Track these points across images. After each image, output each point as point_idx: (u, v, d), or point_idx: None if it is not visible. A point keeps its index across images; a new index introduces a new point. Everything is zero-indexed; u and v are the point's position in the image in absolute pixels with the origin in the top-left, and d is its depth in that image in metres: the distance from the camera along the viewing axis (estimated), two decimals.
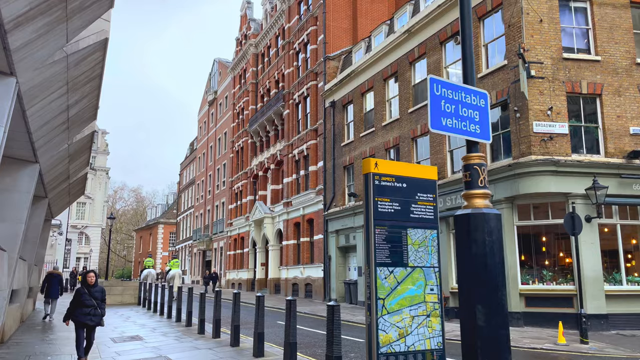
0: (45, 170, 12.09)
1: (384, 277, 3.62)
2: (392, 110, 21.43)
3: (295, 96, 30.91)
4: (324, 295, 25.09)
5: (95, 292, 8.44)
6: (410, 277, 3.74)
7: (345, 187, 24.47)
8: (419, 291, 3.74)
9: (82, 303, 8.25)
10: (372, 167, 3.72)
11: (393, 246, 3.69)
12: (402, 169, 3.84)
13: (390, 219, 3.71)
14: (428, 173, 3.97)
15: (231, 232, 41.25)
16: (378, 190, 3.70)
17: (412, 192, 3.86)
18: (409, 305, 3.69)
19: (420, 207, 3.88)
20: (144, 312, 19.02)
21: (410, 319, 3.66)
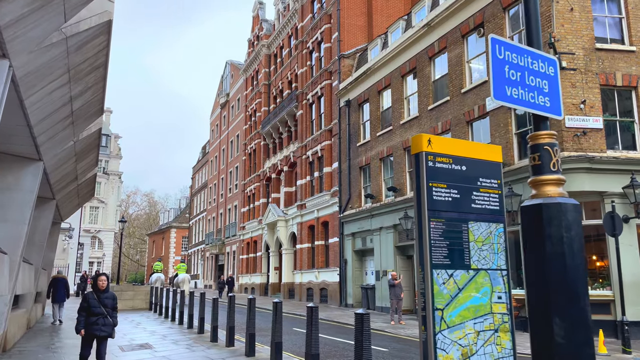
0: (51, 169, 11.51)
1: (441, 282, 2.88)
2: (411, 108, 20.63)
3: (308, 96, 30.24)
4: (340, 300, 24.28)
5: (105, 298, 7.52)
6: (473, 282, 2.99)
7: (362, 188, 23.69)
8: (484, 300, 2.99)
9: (89, 311, 7.35)
10: (424, 144, 2.98)
11: (452, 243, 2.95)
12: (460, 147, 3.10)
13: (448, 209, 2.97)
14: (492, 153, 3.22)
15: (244, 235, 40.64)
16: (432, 174, 2.96)
17: (473, 177, 3.11)
18: (473, 317, 2.94)
19: (483, 195, 3.14)
20: (155, 317, 18.40)
21: (474, 335, 2.92)
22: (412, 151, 3.03)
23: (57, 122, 9.07)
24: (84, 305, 7.38)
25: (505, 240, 3.24)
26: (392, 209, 20.52)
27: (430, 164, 2.98)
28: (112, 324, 7.48)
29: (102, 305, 7.38)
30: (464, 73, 17.42)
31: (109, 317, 7.42)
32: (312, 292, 27.66)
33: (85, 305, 7.37)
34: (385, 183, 21.85)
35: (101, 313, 7.34)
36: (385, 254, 20.98)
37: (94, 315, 7.31)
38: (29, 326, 14.30)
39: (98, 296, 7.45)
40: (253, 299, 9.76)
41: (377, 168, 22.24)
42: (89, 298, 7.43)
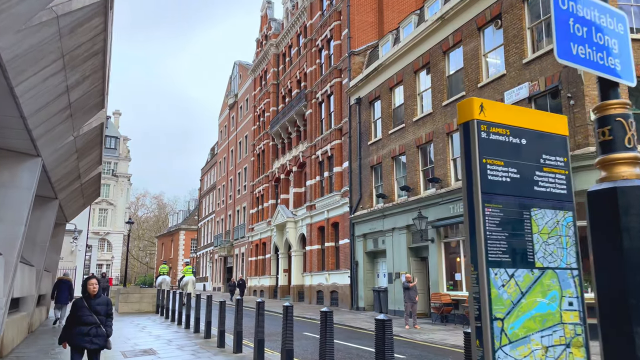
0: (51, 166, 11.01)
1: (500, 284, 2.26)
2: (424, 105, 19.96)
3: (318, 95, 29.66)
4: (351, 303, 23.62)
5: (97, 305, 6.59)
6: (539, 285, 2.36)
7: (373, 188, 23.03)
8: (552, 306, 2.37)
9: (79, 320, 6.42)
10: (474, 110, 2.37)
11: (512, 236, 2.33)
12: (518, 116, 2.48)
13: (506, 192, 2.35)
14: (557, 124, 2.60)
15: (252, 237, 40.11)
16: (486, 148, 2.35)
17: (534, 153, 2.49)
18: (540, 328, 2.32)
19: (547, 176, 2.51)
20: (161, 321, 17.87)
21: (542, 352, 2.29)
22: (459, 120, 2.43)
23: (53, 115, 8.54)
24: (74, 314, 6.50)
25: (575, 232, 2.61)
26: (405, 209, 19.85)
27: (484, 135, 2.37)
28: (105, 334, 6.56)
29: (94, 313, 6.49)
30: (480, 67, 16.73)
31: (102, 326, 6.53)
32: (322, 295, 27.02)
33: (74, 313, 6.50)
34: (398, 182, 21.18)
35: (93, 322, 6.44)
36: (398, 256, 20.31)
37: (84, 324, 6.40)
38: (31, 330, 13.81)
39: (89, 303, 6.56)
40: (262, 302, 9.17)
41: (389, 167, 21.58)
42: (78, 306, 6.54)
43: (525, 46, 14.96)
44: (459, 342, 12.68)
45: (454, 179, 17.72)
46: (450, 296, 17.01)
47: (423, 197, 18.84)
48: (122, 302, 21.63)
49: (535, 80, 14.39)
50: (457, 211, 17.03)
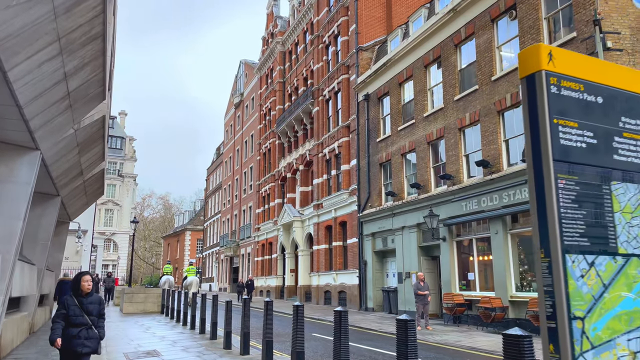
0: (51, 161, 10.63)
1: (579, 274, 1.79)
2: (435, 100, 19.46)
3: (325, 92, 29.21)
4: (360, 303, 23.13)
5: (89, 304, 5.86)
6: (623, 276, 1.90)
7: (382, 186, 22.54)
8: (639, 302, 1.90)
9: (69, 321, 5.72)
10: (543, 60, 1.90)
11: (590, 214, 1.87)
12: (595, 69, 2.01)
13: (582, 161, 1.89)
14: (637, 81, 2.13)
15: (259, 237, 39.71)
16: (556, 105, 1.88)
17: (613, 114, 2.03)
18: (627, 330, 1.85)
19: (628, 143, 2.04)
20: (166, 321, 17.47)
21: (630, 359, 1.83)
22: (521, 72, 1.96)
23: (51, 104, 8.13)
24: (63, 312, 5.76)
25: None
26: (416, 207, 19.35)
27: (554, 89, 1.90)
28: (97, 336, 5.86)
29: (85, 313, 5.79)
30: (494, 60, 16.21)
31: (93, 328, 5.83)
32: (330, 295, 26.55)
33: (63, 313, 5.76)
34: (408, 180, 20.68)
35: (84, 323, 5.74)
36: (409, 255, 19.80)
37: (74, 326, 5.70)
38: (32, 331, 13.43)
39: (80, 302, 5.82)
40: (270, 302, 8.72)
41: (399, 164, 21.09)
42: (68, 305, 5.79)
43: (542, 37, 14.44)
44: (475, 344, 12.18)
45: (466, 176, 17.20)
46: (463, 296, 16.49)
47: (434, 194, 18.34)
48: (127, 302, 21.27)
49: None
50: (469, 209, 16.51)
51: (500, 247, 15.17)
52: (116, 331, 14.51)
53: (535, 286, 14.28)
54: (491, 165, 15.75)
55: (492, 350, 11.27)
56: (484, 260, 16.39)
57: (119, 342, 12.36)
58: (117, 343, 12.19)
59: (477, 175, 16.61)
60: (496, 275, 15.23)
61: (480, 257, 16.56)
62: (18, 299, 12.73)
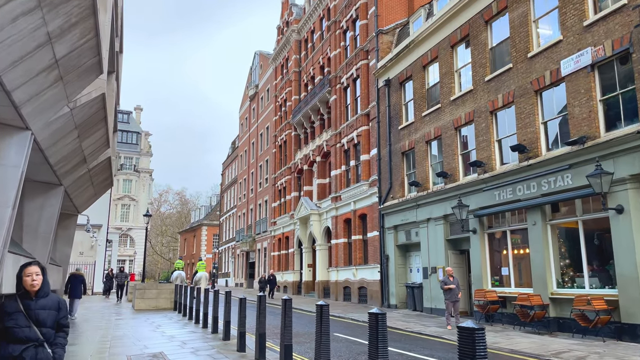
0: (46, 144, 9.63)
1: None
2: (463, 82, 18.11)
3: (343, 79, 27.97)
4: (382, 300, 21.95)
5: (40, 310, 4.03)
6: None
7: (405, 176, 21.27)
8: None
9: (9, 334, 3.89)
10: None
11: None
12: None
13: None
14: None
15: (275, 231, 38.73)
16: None
17: None
18: None
19: None
20: (178, 319, 16.52)
21: None
22: None
23: (37, 74, 7.09)
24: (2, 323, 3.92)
25: None
26: (442, 198, 18.07)
27: None
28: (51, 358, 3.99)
29: (34, 324, 3.97)
30: (530, 35, 14.82)
31: (46, 345, 3.99)
32: (350, 291, 25.41)
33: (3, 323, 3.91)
34: (433, 169, 19.39)
35: (31, 338, 3.93)
36: (434, 249, 18.55)
37: (17, 341, 3.88)
38: None
39: (26, 306, 3.99)
40: (289, 300, 7.59)
41: (423, 152, 19.80)
42: (8, 312, 3.94)
43: (586, 6, 13.01)
44: (515, 346, 10.93)
45: (499, 163, 15.86)
46: (496, 293, 15.19)
47: (462, 183, 17.03)
48: (139, 298, 20.41)
49: (599, 44, 12.45)
50: (503, 198, 15.19)
51: (538, 239, 13.85)
52: (124, 330, 13.58)
53: (580, 282, 12.94)
54: (528, 150, 14.39)
55: (537, 354, 10.02)
56: (520, 253, 15.07)
57: (125, 342, 11.41)
58: (123, 343, 11.23)
59: (512, 161, 15.27)
60: (534, 270, 13.91)
61: (515, 250, 15.24)
62: None
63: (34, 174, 11.95)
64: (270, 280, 29.85)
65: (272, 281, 29.85)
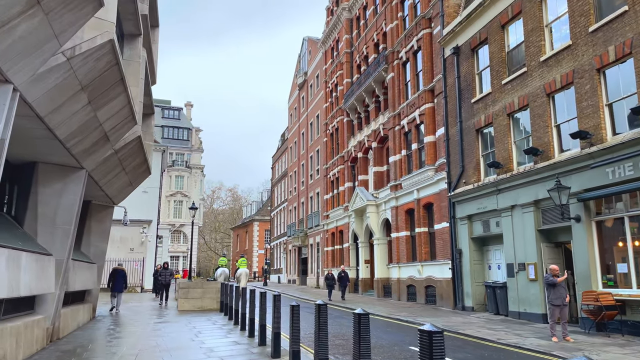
0: (44, 107, 7.56)
1: None
2: (556, 38, 14.89)
3: (401, 54, 25.08)
4: (455, 301, 19.03)
5: None
6: None
7: (480, 156, 18.22)
8: None
9: None
10: None
11: None
12: None
13: None
14: None
15: (328, 225, 36.35)
16: None
17: None
18: None
19: None
20: (223, 323, 14.40)
21: None
22: None
23: None
24: None
25: None
26: (532, 180, 14.97)
27: None
28: None
29: None
30: None
31: None
32: (415, 290, 22.60)
33: None
34: (518, 146, 16.29)
35: None
36: (522, 241, 15.47)
37: None
38: (53, 338, 10.67)
39: None
40: (364, 316, 5.05)
41: (504, 127, 16.70)
42: None
43: None
44: None
45: (611, 132, 12.62)
46: (612, 295, 12.02)
47: (560, 161, 13.88)
48: (182, 298, 18.57)
49: None
50: (618, 176, 11.98)
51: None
52: (159, 338, 11.53)
53: None
54: None
55: None
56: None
57: (155, 355, 9.29)
58: (152, 356, 9.13)
59: (630, 129, 12.03)
60: None
61: (637, 242, 11.99)
62: (32, 299, 9.99)
63: (45, 154, 10.00)
64: (342, 278, 25.42)
65: (343, 278, 25.41)
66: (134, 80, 11.65)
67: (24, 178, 10.55)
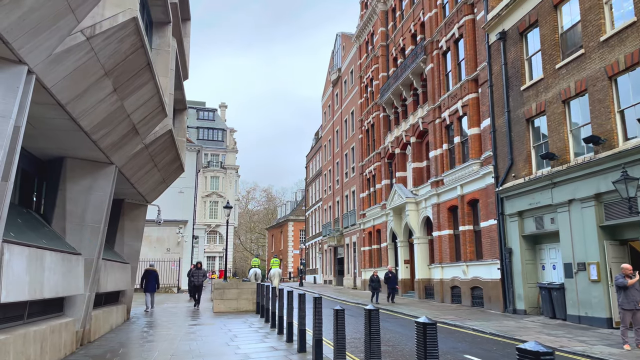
0: (65, 93, 7.00)
1: None
2: (617, 16, 13.52)
3: (441, 43, 23.89)
4: (505, 303, 17.77)
5: None
6: None
7: (531, 148, 16.93)
8: None
9: None
10: None
11: None
12: None
13: None
14: None
15: (365, 224, 35.35)
16: None
17: None
18: None
19: None
20: (260, 325, 13.71)
21: None
22: None
23: None
24: None
25: None
26: (592, 171, 13.65)
27: None
28: None
29: None
30: None
31: None
32: (459, 292, 21.38)
33: None
34: (574, 135, 14.95)
35: None
36: (581, 239, 14.14)
37: None
38: (84, 342, 10.19)
39: None
40: (431, 325, 4.15)
41: (559, 115, 15.38)
42: None
43: None
44: None
45: None
46: None
47: (624, 150, 12.53)
48: (218, 299, 18.04)
49: None
50: None
51: None
52: (193, 342, 10.91)
53: None
54: None
55: None
56: None
57: None
58: None
59: None
60: None
61: None
62: (61, 301, 9.52)
63: (72, 148, 9.51)
64: (389, 279, 22.27)
65: (391, 280, 22.25)
66: (164, 70, 11.08)
67: (53, 175, 10.12)
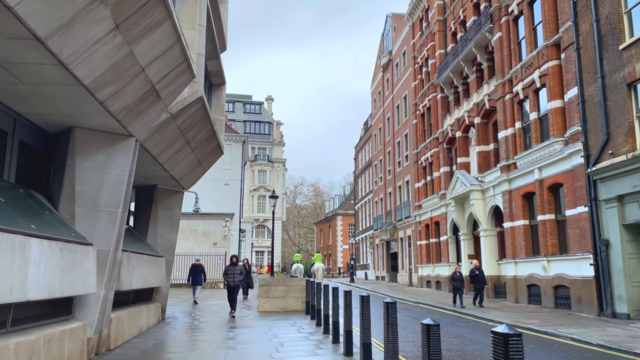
0: (42, 25, 5.11)
1: None
2: None
3: (511, 7, 20.94)
4: (600, 306, 14.86)
5: None
6: None
7: (634, 118, 13.94)
8: None
9: None
10: None
11: None
12: None
13: None
14: None
15: (421, 216, 32.68)
16: None
17: None
18: None
19: None
20: (310, 330, 11.63)
21: None
22: None
23: None
24: None
25: None
26: None
27: None
28: None
29: None
30: None
31: None
32: (538, 291, 18.51)
33: None
34: None
35: None
36: None
37: None
38: (97, 351, 8.40)
39: None
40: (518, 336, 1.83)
41: None
42: None
43: None
44: None
45: None
46: None
47: None
48: (263, 297, 16.16)
49: None
50: None
51: None
52: (231, 352, 8.94)
53: None
54: None
55: None
56: None
57: None
58: None
59: None
60: None
61: None
62: (69, 302, 7.76)
63: (77, 114, 7.62)
64: (476, 277, 18.26)
65: (479, 278, 18.27)
66: (190, 22, 9.13)
67: (61, 149, 8.39)
